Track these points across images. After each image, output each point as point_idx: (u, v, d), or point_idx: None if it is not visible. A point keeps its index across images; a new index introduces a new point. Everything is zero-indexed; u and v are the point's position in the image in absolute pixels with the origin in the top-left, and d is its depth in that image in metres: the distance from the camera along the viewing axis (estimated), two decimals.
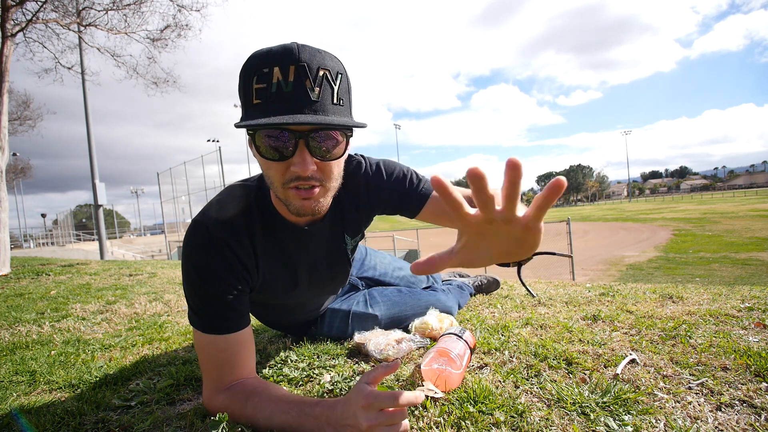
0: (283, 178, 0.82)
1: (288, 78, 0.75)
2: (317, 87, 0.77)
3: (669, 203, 53.92)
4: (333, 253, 1.13)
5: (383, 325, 1.39)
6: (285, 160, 0.80)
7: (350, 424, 0.71)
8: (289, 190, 0.83)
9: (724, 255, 12.19)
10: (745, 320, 1.29)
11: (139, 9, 7.26)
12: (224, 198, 0.98)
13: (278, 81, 0.75)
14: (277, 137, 0.78)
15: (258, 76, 0.76)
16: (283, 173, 0.81)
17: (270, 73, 0.75)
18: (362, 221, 1.14)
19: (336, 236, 1.11)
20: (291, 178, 0.81)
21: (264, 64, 0.76)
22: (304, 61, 0.76)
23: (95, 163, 11.22)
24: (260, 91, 0.76)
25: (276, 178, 0.83)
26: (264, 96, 0.76)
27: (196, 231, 0.92)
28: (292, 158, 0.79)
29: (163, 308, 2.52)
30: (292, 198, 0.84)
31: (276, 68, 0.75)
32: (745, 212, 25.32)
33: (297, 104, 0.75)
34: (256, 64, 0.77)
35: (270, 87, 0.76)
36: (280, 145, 0.78)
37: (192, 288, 0.92)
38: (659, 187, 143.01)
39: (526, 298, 1.86)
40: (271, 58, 0.76)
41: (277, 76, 0.75)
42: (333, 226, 1.09)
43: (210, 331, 0.90)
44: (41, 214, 45.48)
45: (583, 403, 0.84)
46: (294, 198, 0.84)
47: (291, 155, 0.79)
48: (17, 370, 1.42)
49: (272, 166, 0.81)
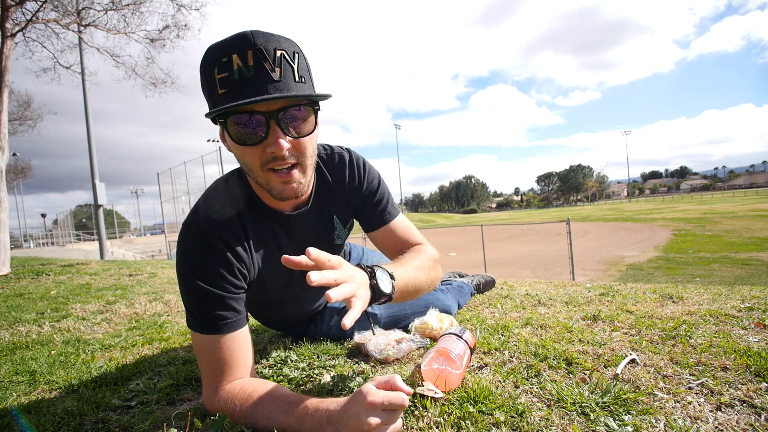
0: (260, 161, 0.84)
1: (248, 63, 0.78)
2: (277, 68, 0.79)
3: (669, 203, 53.96)
4: (322, 239, 1.15)
5: (383, 324, 1.39)
6: (260, 143, 0.82)
7: (352, 423, 0.71)
8: (269, 173, 0.86)
9: (724, 255, 12.18)
10: (745, 320, 1.29)
11: (138, 9, 7.26)
12: (210, 196, 0.99)
13: (239, 67, 0.78)
14: (247, 122, 0.80)
15: (218, 67, 0.79)
16: (260, 156, 0.84)
17: (229, 61, 0.78)
18: (349, 209, 1.17)
19: (324, 222, 1.13)
20: (268, 159, 0.84)
21: (221, 53, 0.78)
22: (260, 45, 0.78)
23: (95, 163, 11.22)
24: (223, 80, 0.79)
25: (254, 163, 0.85)
26: (228, 84, 0.78)
27: (189, 232, 0.92)
28: (267, 139, 0.81)
29: (163, 308, 2.52)
30: (273, 182, 0.87)
31: (234, 55, 0.78)
32: (745, 212, 25.33)
33: (261, 86, 0.78)
34: (214, 56, 0.79)
35: (232, 74, 0.78)
36: (252, 128, 0.81)
37: (189, 290, 0.92)
38: (659, 187, 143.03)
39: (526, 299, 1.86)
40: (227, 47, 0.78)
41: (236, 62, 0.78)
42: (320, 212, 1.11)
43: (208, 332, 0.90)
44: (41, 214, 45.48)
45: (583, 403, 0.83)
46: (275, 182, 0.87)
47: (264, 137, 0.81)
48: (17, 370, 1.42)
49: (247, 152, 0.84)
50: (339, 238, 1.21)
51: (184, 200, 18.88)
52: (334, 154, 1.13)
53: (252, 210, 1.00)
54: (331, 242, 1.18)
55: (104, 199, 11.46)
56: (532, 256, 14.78)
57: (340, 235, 1.20)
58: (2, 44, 5.92)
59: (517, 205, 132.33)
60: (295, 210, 1.05)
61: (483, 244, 10.65)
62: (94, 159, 11.24)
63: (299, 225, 1.08)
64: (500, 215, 76.63)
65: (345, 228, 1.20)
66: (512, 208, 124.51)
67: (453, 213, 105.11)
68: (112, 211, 57.25)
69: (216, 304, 0.90)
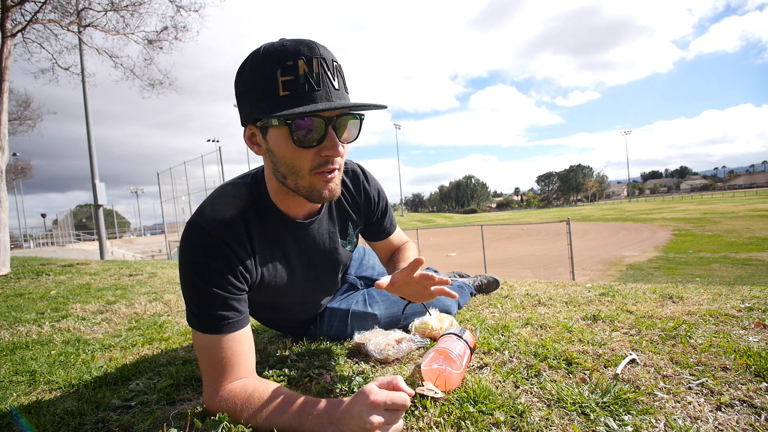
0: (311, 164, 0.87)
1: (313, 70, 0.81)
2: (335, 78, 0.84)
3: (669, 203, 53.94)
4: (329, 248, 1.17)
5: (383, 324, 1.39)
6: (316, 146, 0.85)
7: (354, 422, 0.71)
8: (316, 176, 0.88)
9: (724, 255, 12.18)
10: (745, 320, 1.29)
11: (137, 10, 7.26)
12: (218, 197, 0.99)
13: (305, 73, 0.81)
14: (309, 126, 0.83)
15: (282, 69, 0.81)
16: (312, 159, 0.87)
17: (295, 66, 0.81)
18: (361, 219, 1.24)
19: (333, 231, 1.16)
20: (321, 162, 0.87)
21: (287, 57, 0.81)
22: (324, 55, 0.83)
23: (95, 163, 11.22)
24: (287, 83, 0.81)
25: (305, 165, 0.87)
26: (293, 87, 0.81)
27: (193, 231, 0.92)
28: (324, 143, 0.85)
29: (163, 308, 2.52)
30: (318, 183, 0.90)
31: (300, 61, 0.81)
32: (745, 212, 25.32)
33: (326, 93, 0.82)
34: (278, 58, 0.82)
35: (298, 78, 0.81)
36: (313, 132, 0.83)
37: (191, 289, 0.92)
38: (659, 187, 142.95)
39: (526, 299, 1.86)
40: (293, 53, 0.81)
41: (303, 68, 0.81)
42: (330, 221, 1.15)
43: (210, 332, 0.90)
44: (41, 214, 45.44)
45: (583, 403, 0.83)
46: (320, 183, 0.90)
47: (321, 140, 0.84)
48: (17, 370, 1.42)
49: (302, 154, 0.86)
50: (350, 244, 1.24)
51: (184, 200, 18.87)
52: (348, 169, 1.19)
53: (263, 215, 1.01)
54: (338, 251, 1.20)
55: (104, 199, 11.45)
56: (532, 256, 14.78)
57: (351, 241, 1.24)
58: (2, 44, 5.92)
59: (517, 205, 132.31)
60: (306, 218, 1.07)
61: (483, 244, 10.65)
62: (94, 159, 11.23)
63: (309, 233, 1.09)
64: (500, 215, 76.61)
65: (355, 235, 1.26)
66: (512, 208, 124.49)
67: (453, 213, 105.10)
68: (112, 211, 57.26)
69: (218, 303, 0.90)
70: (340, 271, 1.29)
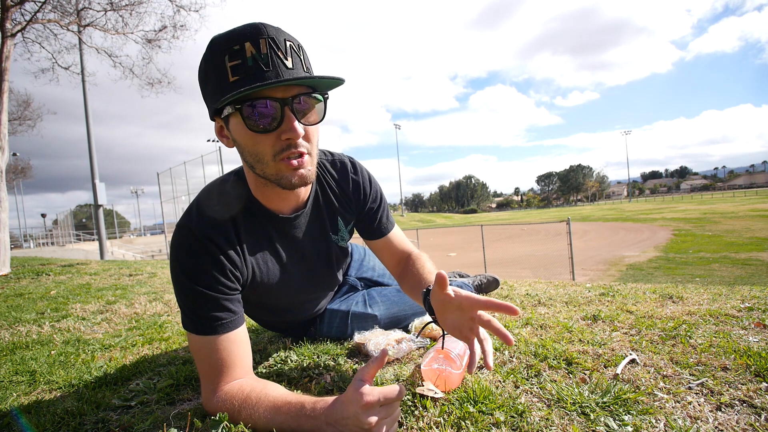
0: (273, 150, 0.84)
1: (261, 51, 0.79)
2: (288, 57, 0.81)
3: (669, 203, 53.93)
4: (318, 243, 1.15)
5: (383, 325, 1.39)
6: (275, 130, 0.82)
7: (352, 423, 0.71)
8: (281, 162, 0.85)
9: (724, 255, 12.18)
10: (745, 320, 1.29)
11: (136, 9, 7.26)
12: (203, 198, 0.99)
13: (252, 55, 0.79)
14: (262, 109, 0.80)
15: (229, 55, 0.79)
16: (273, 144, 0.84)
17: (242, 49, 0.79)
18: (353, 211, 1.19)
19: (322, 226, 1.14)
20: (282, 147, 0.84)
21: (233, 42, 0.79)
22: (272, 35, 0.80)
23: (95, 163, 11.21)
24: (236, 67, 0.79)
25: (266, 151, 0.85)
26: (242, 71, 0.79)
27: (182, 234, 0.92)
28: (282, 126, 0.82)
29: (163, 308, 2.52)
30: (285, 170, 0.86)
31: (247, 43, 0.79)
32: (745, 212, 25.32)
33: (276, 72, 0.79)
34: (223, 45, 0.80)
35: (246, 61, 0.79)
36: (267, 115, 0.81)
37: (183, 291, 0.91)
38: (659, 187, 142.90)
39: (526, 299, 1.86)
40: (239, 36, 0.79)
41: (250, 50, 0.79)
42: (318, 215, 1.12)
43: (204, 333, 0.90)
44: (41, 214, 45.43)
45: (583, 403, 0.83)
46: (287, 169, 0.86)
47: (279, 124, 0.82)
48: (17, 370, 1.42)
49: (261, 140, 0.84)
50: (343, 240, 1.21)
51: (184, 200, 18.85)
52: (335, 160, 1.15)
53: (248, 212, 1.00)
54: (329, 246, 1.18)
55: (104, 199, 11.45)
56: (532, 256, 14.78)
57: (344, 237, 1.21)
58: (2, 44, 5.92)
59: (517, 205, 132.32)
60: (292, 213, 1.05)
61: (483, 244, 10.65)
62: (94, 159, 11.23)
63: (296, 228, 1.08)
64: (500, 215, 76.59)
65: (347, 229, 1.21)
66: (512, 208, 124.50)
67: (453, 213, 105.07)
68: (112, 211, 57.25)
69: (210, 305, 0.90)
70: (335, 267, 1.26)
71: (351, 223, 1.22)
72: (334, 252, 1.21)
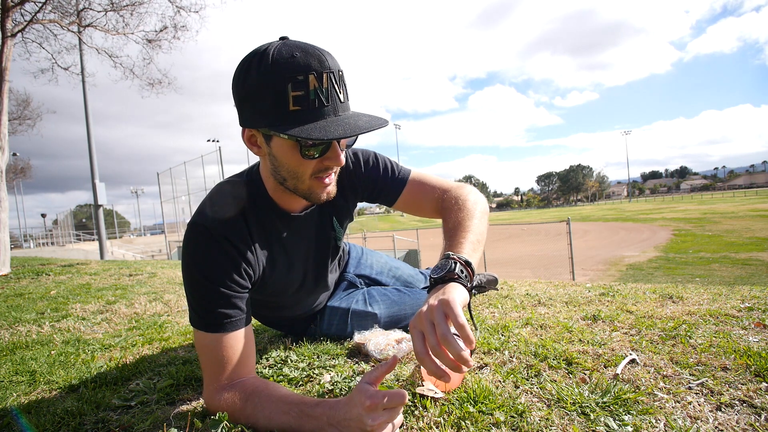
0: (312, 171, 0.90)
1: (323, 85, 0.82)
2: (341, 90, 0.86)
3: (669, 203, 53.91)
4: (322, 240, 1.19)
5: (382, 324, 1.39)
6: (320, 156, 0.88)
7: (355, 425, 0.72)
8: (315, 180, 0.92)
9: (724, 255, 12.18)
10: (745, 320, 1.29)
11: (137, 10, 7.27)
12: (216, 195, 1.01)
13: (315, 88, 0.82)
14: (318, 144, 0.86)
15: (293, 84, 0.81)
16: (315, 167, 0.90)
17: (306, 80, 0.81)
18: (349, 207, 1.22)
19: (325, 223, 1.17)
20: (322, 169, 0.91)
21: (298, 71, 0.81)
22: (332, 68, 0.84)
23: (95, 163, 11.22)
24: (298, 98, 0.82)
25: (306, 172, 0.90)
26: (303, 103, 0.82)
27: (195, 231, 0.94)
28: (328, 153, 0.89)
29: (163, 308, 2.52)
30: (317, 187, 0.93)
31: (311, 76, 0.81)
32: (745, 212, 25.32)
33: (333, 108, 0.84)
34: (288, 72, 0.81)
35: (308, 94, 0.82)
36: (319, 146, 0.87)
37: (195, 288, 0.93)
38: (659, 187, 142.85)
39: (526, 298, 1.86)
40: (304, 67, 0.81)
41: (313, 83, 0.82)
42: (322, 213, 1.16)
43: (212, 330, 0.91)
44: (41, 214, 45.48)
45: (583, 403, 0.83)
46: (318, 186, 0.93)
47: (326, 151, 0.88)
48: (17, 370, 1.42)
49: (306, 163, 0.89)
50: (339, 240, 1.24)
51: (184, 200, 18.88)
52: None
53: (260, 210, 1.02)
54: (333, 242, 1.22)
55: (104, 199, 11.45)
56: (532, 256, 14.78)
57: (339, 237, 1.23)
58: (2, 44, 5.92)
59: (517, 205, 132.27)
60: (302, 211, 1.09)
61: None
62: (94, 159, 11.23)
63: (304, 225, 1.11)
64: (500, 215, 76.59)
65: (342, 228, 1.24)
66: (512, 208, 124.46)
67: None
68: (112, 211, 57.26)
69: (221, 302, 0.91)
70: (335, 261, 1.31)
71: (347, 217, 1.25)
72: (333, 247, 1.24)
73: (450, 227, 1.04)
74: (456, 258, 0.90)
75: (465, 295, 0.84)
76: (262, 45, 0.87)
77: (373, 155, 1.19)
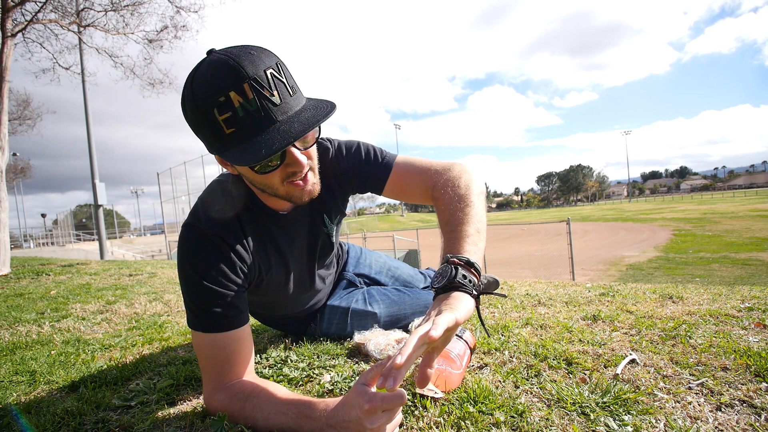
0: (281, 179, 0.88)
1: (248, 97, 0.76)
2: (274, 90, 0.78)
3: (669, 203, 53.93)
4: (315, 236, 1.19)
5: (382, 323, 1.39)
6: (280, 165, 0.85)
7: (353, 427, 0.71)
8: (290, 185, 0.89)
9: (724, 255, 12.18)
10: (745, 320, 1.29)
11: (137, 10, 7.27)
12: (208, 196, 1.01)
13: (240, 104, 0.76)
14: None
15: (217, 108, 0.76)
16: (281, 175, 0.87)
17: (228, 100, 0.75)
18: (338, 203, 1.20)
19: (315, 219, 1.17)
20: (288, 175, 0.87)
21: (217, 93, 0.76)
22: (252, 74, 0.76)
23: (95, 163, 11.21)
24: (228, 120, 0.77)
25: (274, 182, 0.88)
26: (235, 123, 0.77)
27: (190, 233, 0.94)
28: (285, 160, 0.84)
29: (163, 308, 2.52)
30: (294, 191, 0.90)
31: (232, 93, 0.75)
32: (745, 212, 25.32)
33: (269, 116, 0.77)
34: (208, 98, 0.76)
35: (236, 112, 0.76)
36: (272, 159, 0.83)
37: (191, 289, 0.92)
38: (659, 188, 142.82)
39: (526, 298, 1.86)
40: (221, 86, 0.75)
41: (236, 100, 0.75)
42: (312, 209, 1.15)
43: (210, 330, 0.91)
44: (41, 214, 45.47)
45: (583, 403, 0.83)
46: (295, 190, 0.90)
47: (283, 159, 0.84)
48: (17, 370, 1.42)
49: (269, 176, 0.86)
50: (331, 235, 1.24)
51: (184, 200, 18.90)
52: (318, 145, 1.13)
53: (250, 210, 1.02)
54: (325, 238, 1.22)
55: (104, 199, 11.44)
56: (532, 256, 14.78)
57: (330, 232, 1.23)
58: (3, 44, 5.92)
59: (517, 205, 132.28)
60: (291, 209, 1.09)
61: None
62: (94, 159, 11.22)
63: (295, 223, 1.11)
64: (500, 215, 76.58)
65: (333, 224, 1.23)
66: (512, 208, 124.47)
67: None
68: (112, 211, 57.26)
69: (218, 302, 0.91)
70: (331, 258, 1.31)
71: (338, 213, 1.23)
72: (326, 243, 1.24)
73: (445, 220, 0.97)
74: (456, 261, 0.85)
75: (470, 306, 0.79)
76: (193, 67, 0.82)
77: (356, 144, 1.14)
